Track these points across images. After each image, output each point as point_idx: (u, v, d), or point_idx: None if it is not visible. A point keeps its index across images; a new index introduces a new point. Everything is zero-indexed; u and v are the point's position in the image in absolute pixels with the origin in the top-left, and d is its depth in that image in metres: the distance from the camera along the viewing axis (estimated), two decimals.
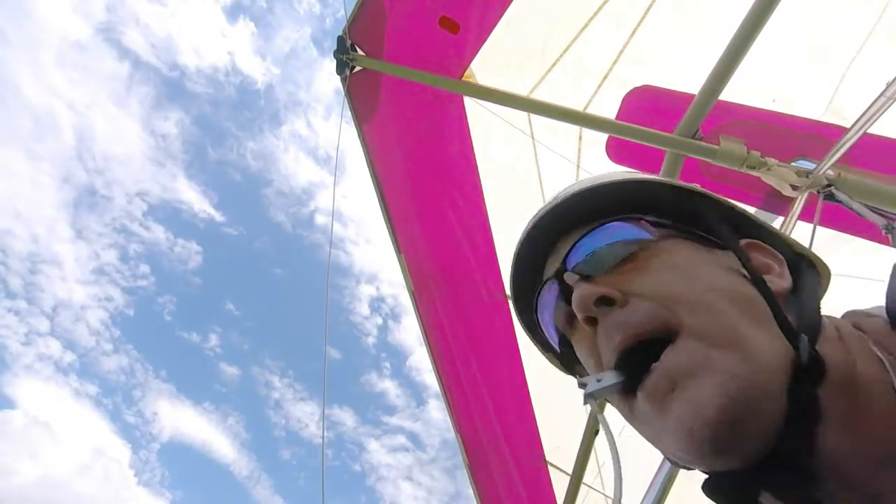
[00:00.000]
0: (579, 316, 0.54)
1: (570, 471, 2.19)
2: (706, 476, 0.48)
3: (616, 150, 2.21)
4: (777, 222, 1.94)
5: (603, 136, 2.20)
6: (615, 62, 2.10)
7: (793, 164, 1.78)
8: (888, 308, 0.48)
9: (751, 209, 1.62)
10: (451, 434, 2.67)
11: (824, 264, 0.60)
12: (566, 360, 0.65)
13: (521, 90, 2.12)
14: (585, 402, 0.52)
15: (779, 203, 1.89)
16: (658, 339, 0.48)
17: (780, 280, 0.55)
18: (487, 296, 2.44)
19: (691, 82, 1.79)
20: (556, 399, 2.58)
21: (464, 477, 2.76)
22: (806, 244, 0.63)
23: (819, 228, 1.63)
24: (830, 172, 1.74)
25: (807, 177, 1.72)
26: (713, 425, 0.43)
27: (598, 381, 0.51)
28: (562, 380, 0.75)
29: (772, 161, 1.69)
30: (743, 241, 0.58)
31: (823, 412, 0.43)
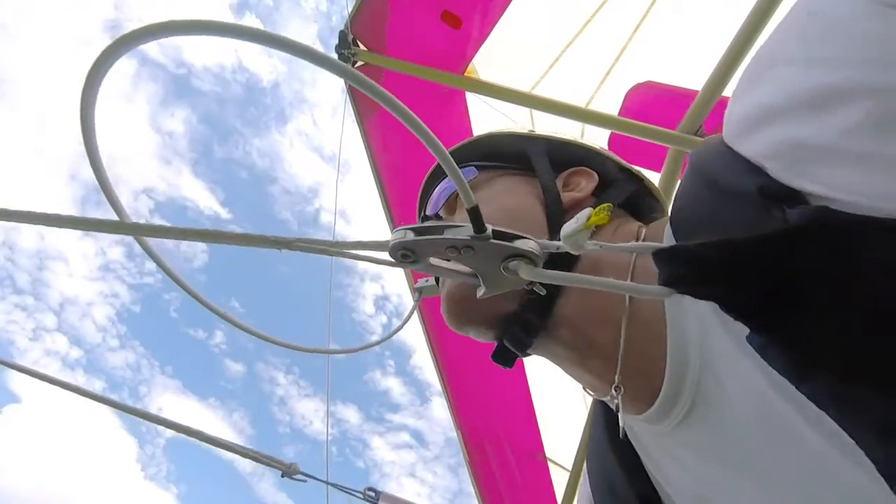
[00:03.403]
0: None
1: (569, 466, 2.19)
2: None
3: (618, 147, 2.20)
4: None
5: (605, 133, 2.19)
6: (618, 58, 2.09)
7: None
8: (671, 213, 0.50)
9: None
10: (454, 432, 2.67)
11: (653, 186, 0.71)
12: None
13: (523, 86, 2.11)
14: (415, 297, 0.73)
15: None
16: None
17: (575, 192, 0.66)
18: None
19: (694, 79, 1.78)
20: (555, 395, 2.58)
21: (467, 474, 2.76)
22: None
23: None
24: None
25: None
26: (447, 316, 0.65)
27: (426, 282, 0.71)
28: (562, 376, 0.74)
29: None
30: (569, 170, 0.69)
31: (565, 288, 0.57)
